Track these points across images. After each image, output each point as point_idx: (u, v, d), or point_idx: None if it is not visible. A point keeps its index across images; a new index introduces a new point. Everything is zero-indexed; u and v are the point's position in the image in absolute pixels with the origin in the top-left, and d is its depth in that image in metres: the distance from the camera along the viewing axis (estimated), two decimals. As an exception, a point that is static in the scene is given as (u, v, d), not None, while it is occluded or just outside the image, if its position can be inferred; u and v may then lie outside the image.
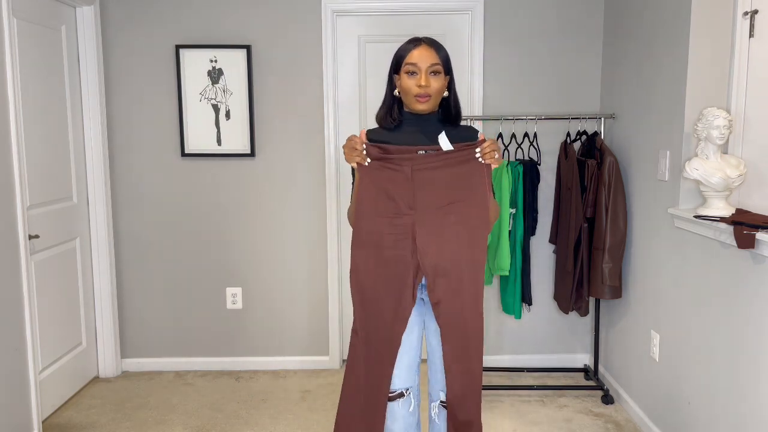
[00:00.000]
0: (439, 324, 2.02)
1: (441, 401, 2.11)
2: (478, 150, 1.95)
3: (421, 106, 2.00)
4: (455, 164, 1.96)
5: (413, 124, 2.05)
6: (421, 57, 1.97)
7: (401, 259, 1.97)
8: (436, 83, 1.98)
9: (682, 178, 2.61)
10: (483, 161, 1.95)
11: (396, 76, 2.04)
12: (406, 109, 2.06)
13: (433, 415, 2.15)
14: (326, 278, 3.72)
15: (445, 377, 2.05)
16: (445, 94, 2.04)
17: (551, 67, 3.57)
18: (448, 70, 2.03)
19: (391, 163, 1.97)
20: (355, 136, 1.98)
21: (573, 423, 3.08)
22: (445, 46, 2.04)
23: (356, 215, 2.02)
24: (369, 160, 1.98)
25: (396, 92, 2.06)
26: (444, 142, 1.97)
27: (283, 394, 3.45)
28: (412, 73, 1.98)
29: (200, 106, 3.57)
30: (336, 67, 3.59)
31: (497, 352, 3.77)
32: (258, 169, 3.64)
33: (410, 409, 2.11)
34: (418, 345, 2.12)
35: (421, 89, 1.97)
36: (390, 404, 2.09)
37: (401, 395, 2.10)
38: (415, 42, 2.00)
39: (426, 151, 1.97)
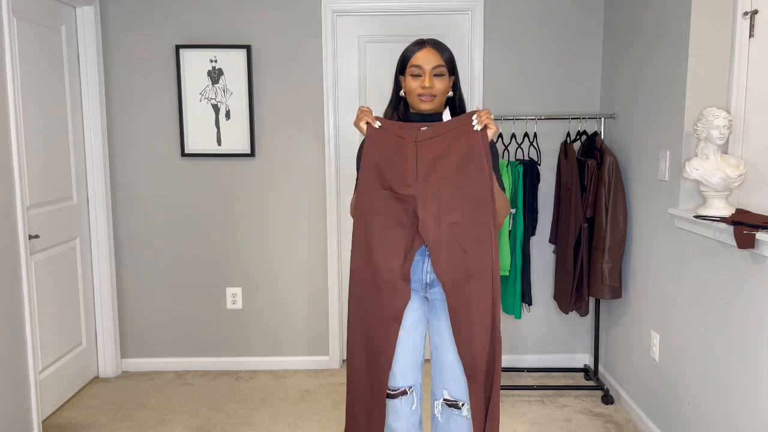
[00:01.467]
0: (447, 303, 2.00)
1: (444, 399, 2.11)
2: (474, 119, 1.95)
3: (425, 106, 2.02)
4: (455, 138, 1.96)
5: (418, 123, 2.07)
6: (426, 59, 1.98)
7: (404, 229, 1.98)
8: (440, 84, 2.00)
9: (682, 178, 2.61)
10: (479, 129, 1.94)
11: (401, 77, 2.06)
12: (411, 110, 2.08)
13: (436, 413, 2.15)
14: (326, 278, 3.72)
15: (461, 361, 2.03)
16: (450, 94, 2.05)
17: (551, 67, 3.57)
18: (452, 70, 2.04)
19: (399, 131, 1.99)
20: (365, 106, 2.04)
21: (573, 423, 3.09)
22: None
23: (360, 186, 2.02)
24: (379, 124, 2.00)
25: (401, 92, 2.07)
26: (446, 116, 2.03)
27: (283, 394, 3.45)
28: (416, 75, 2.00)
29: (200, 106, 3.57)
30: (336, 67, 3.60)
31: (497, 352, 3.76)
32: (258, 169, 3.64)
33: (413, 407, 2.12)
34: (422, 344, 2.13)
35: (424, 90, 1.98)
36: (393, 402, 2.10)
37: (404, 393, 2.10)
38: (420, 44, 2.02)
39: (429, 127, 2.00)
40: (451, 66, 2.03)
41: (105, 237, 3.57)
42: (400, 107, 2.10)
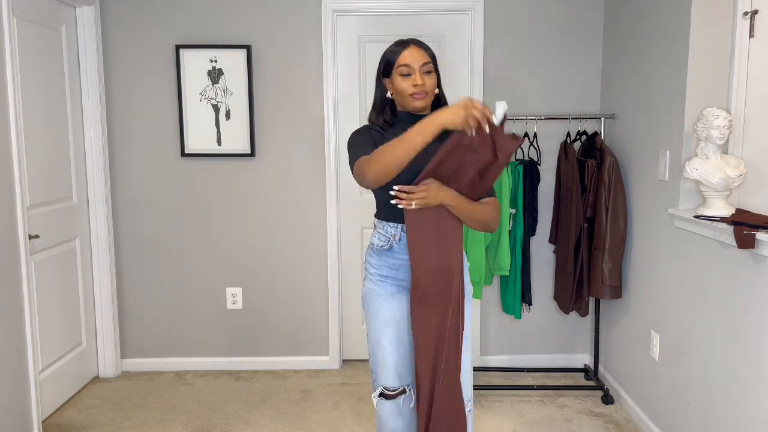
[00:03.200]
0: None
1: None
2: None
3: (419, 103, 2.02)
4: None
5: (408, 123, 2.05)
6: (413, 57, 1.99)
7: None
8: (430, 81, 2.02)
9: (682, 178, 2.61)
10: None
11: (386, 80, 2.05)
12: (400, 109, 2.08)
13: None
14: (326, 278, 3.72)
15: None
16: (436, 91, 2.06)
17: (551, 67, 3.57)
18: (436, 68, 2.06)
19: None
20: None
21: (573, 423, 3.09)
22: (444, 47, 2.07)
23: None
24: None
25: (389, 95, 2.07)
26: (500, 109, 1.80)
27: (283, 394, 3.45)
28: (406, 75, 1.99)
29: (200, 106, 3.57)
30: (336, 67, 3.59)
31: (497, 352, 3.77)
32: (258, 169, 3.64)
33: (411, 406, 2.12)
34: None
35: (417, 88, 1.98)
36: (392, 402, 2.10)
37: (403, 392, 2.10)
38: (402, 44, 2.03)
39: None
40: (435, 63, 2.05)
41: (105, 237, 3.57)
42: (386, 111, 2.08)
